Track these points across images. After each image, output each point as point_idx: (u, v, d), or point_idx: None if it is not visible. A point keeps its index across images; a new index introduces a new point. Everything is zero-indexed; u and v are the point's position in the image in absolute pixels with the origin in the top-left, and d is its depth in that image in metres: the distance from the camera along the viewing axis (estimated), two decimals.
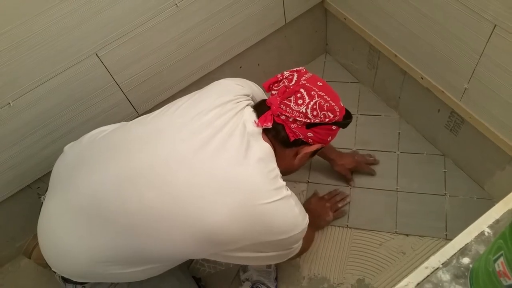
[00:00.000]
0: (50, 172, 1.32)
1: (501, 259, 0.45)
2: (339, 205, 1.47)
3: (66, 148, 1.10)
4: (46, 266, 1.29)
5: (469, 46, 1.11)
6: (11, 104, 1.12)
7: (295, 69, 1.00)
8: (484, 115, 1.21)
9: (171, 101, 1.42)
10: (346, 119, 0.99)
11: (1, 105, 1.11)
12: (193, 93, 1.06)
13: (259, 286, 1.36)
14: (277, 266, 1.41)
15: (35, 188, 1.40)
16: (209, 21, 1.33)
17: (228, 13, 1.35)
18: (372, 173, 1.53)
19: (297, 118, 0.93)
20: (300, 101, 0.93)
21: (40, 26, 1.03)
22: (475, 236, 0.58)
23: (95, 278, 1.02)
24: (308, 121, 0.93)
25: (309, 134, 0.96)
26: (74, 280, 1.02)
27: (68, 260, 0.99)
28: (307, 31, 1.70)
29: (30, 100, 1.15)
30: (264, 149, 0.95)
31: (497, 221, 0.59)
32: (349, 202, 1.50)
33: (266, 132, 0.97)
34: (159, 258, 0.98)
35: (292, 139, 0.97)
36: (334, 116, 0.95)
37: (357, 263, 1.40)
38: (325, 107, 0.93)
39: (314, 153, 1.03)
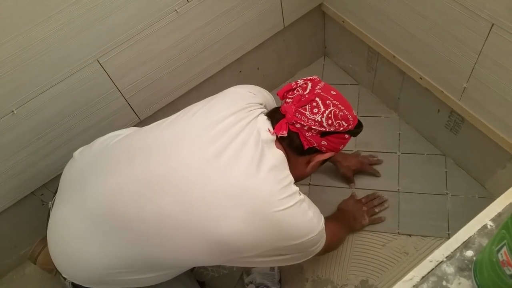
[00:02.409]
0: (54, 179, 1.35)
1: (504, 249, 0.46)
2: (376, 210, 1.46)
3: (76, 153, 1.10)
4: (51, 271, 1.30)
5: (467, 45, 1.12)
6: (15, 112, 1.13)
7: (308, 77, 1.00)
8: (483, 114, 1.22)
9: (173, 106, 1.45)
10: (357, 128, 1.01)
11: (5, 113, 1.12)
12: (207, 99, 1.06)
13: None
14: (280, 268, 1.42)
15: (39, 195, 1.40)
16: (209, 27, 1.34)
17: (228, 18, 1.36)
18: (376, 175, 1.53)
19: (313, 127, 0.94)
20: (315, 110, 0.94)
21: (41, 35, 1.04)
22: (478, 229, 0.59)
23: (106, 283, 1.01)
24: (323, 129, 0.94)
25: (323, 142, 0.97)
26: (85, 286, 1.02)
27: (80, 267, 0.99)
28: (306, 35, 1.71)
29: (33, 107, 1.15)
30: (277, 156, 0.95)
31: (499, 214, 0.60)
32: (388, 207, 1.47)
33: (280, 140, 0.98)
34: (172, 265, 0.99)
35: (306, 147, 0.97)
36: (348, 125, 0.96)
37: (361, 264, 1.40)
38: (339, 116, 0.95)
39: (325, 160, 1.04)
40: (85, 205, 0.98)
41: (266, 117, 1.01)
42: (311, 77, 1.00)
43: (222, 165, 0.91)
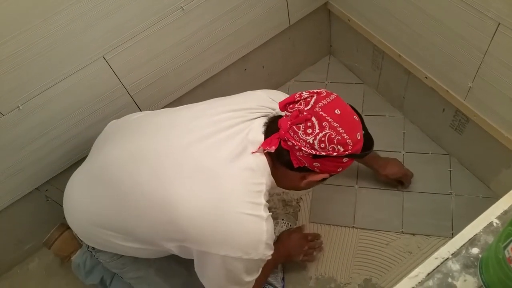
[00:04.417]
0: (58, 175, 1.37)
1: (511, 246, 0.46)
2: (314, 253, 1.40)
3: (108, 124, 1.20)
4: (64, 259, 1.36)
5: (473, 44, 1.12)
6: (20, 108, 1.13)
7: (316, 90, 0.92)
8: (489, 114, 1.22)
9: (178, 104, 1.45)
10: (365, 149, 0.93)
11: (11, 108, 1.12)
12: (226, 96, 1.11)
13: (266, 286, 1.36)
14: (283, 266, 1.42)
15: (43, 191, 1.41)
16: (214, 24, 1.34)
17: (233, 16, 1.36)
18: (406, 186, 1.49)
19: (303, 148, 0.88)
20: (309, 130, 0.87)
21: (48, 31, 1.05)
22: (484, 227, 0.59)
23: (96, 242, 1.09)
24: (314, 152, 0.87)
25: (316, 164, 0.91)
26: (81, 239, 1.12)
27: (74, 217, 1.10)
28: (311, 33, 1.71)
29: (39, 103, 1.16)
30: (257, 161, 0.93)
31: (505, 212, 0.60)
32: (321, 251, 1.43)
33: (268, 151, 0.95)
34: (139, 238, 1.02)
35: (296, 166, 0.93)
36: (345, 150, 0.88)
37: (364, 263, 1.40)
38: (335, 140, 0.86)
39: (325, 178, 0.98)
40: (90, 165, 1.10)
41: (264, 121, 0.99)
42: (318, 90, 0.93)
43: (201, 149, 0.94)
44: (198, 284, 1.20)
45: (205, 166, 0.92)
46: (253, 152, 0.94)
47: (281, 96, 1.10)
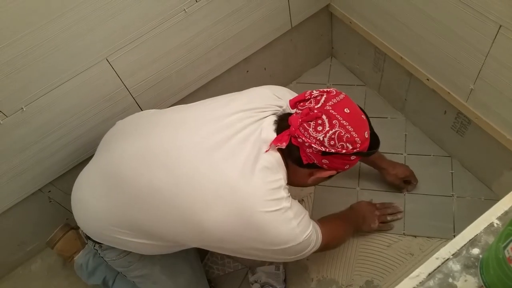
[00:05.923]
0: (61, 176, 1.37)
1: (511, 245, 0.46)
2: (388, 218, 1.44)
3: (118, 122, 1.20)
4: (67, 258, 1.37)
5: (475, 47, 1.12)
6: (24, 109, 1.14)
7: (325, 89, 0.95)
8: (490, 116, 1.22)
9: (180, 104, 1.46)
10: (371, 148, 0.96)
11: (14, 110, 1.13)
12: (231, 93, 1.11)
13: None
14: (285, 268, 1.42)
15: (46, 192, 1.41)
16: (217, 26, 1.35)
17: (235, 18, 1.37)
18: (412, 186, 1.50)
19: (313, 145, 0.90)
20: (319, 128, 0.90)
21: (51, 33, 1.05)
22: (485, 228, 0.59)
23: (106, 240, 1.09)
24: (324, 149, 0.90)
25: (324, 161, 0.94)
26: (91, 237, 1.12)
27: (85, 216, 1.09)
28: (313, 35, 1.71)
29: (42, 105, 1.17)
30: (272, 159, 0.95)
31: (506, 213, 0.60)
32: (400, 218, 1.45)
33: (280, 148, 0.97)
34: (159, 236, 1.02)
35: (305, 162, 0.95)
36: (353, 148, 0.91)
37: (366, 264, 1.40)
38: (344, 138, 0.89)
39: (331, 176, 1.01)
40: (100, 162, 1.10)
41: (275, 119, 1.00)
42: (328, 89, 0.95)
43: (219, 158, 0.94)
44: (202, 284, 1.22)
45: (224, 177, 0.93)
46: (266, 151, 0.95)
47: (284, 91, 1.12)
